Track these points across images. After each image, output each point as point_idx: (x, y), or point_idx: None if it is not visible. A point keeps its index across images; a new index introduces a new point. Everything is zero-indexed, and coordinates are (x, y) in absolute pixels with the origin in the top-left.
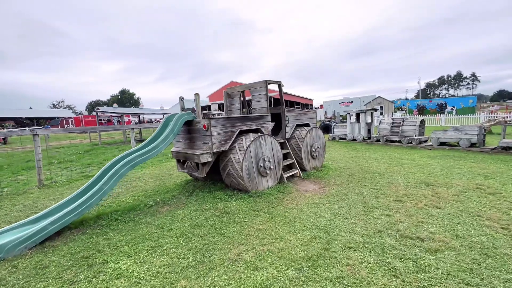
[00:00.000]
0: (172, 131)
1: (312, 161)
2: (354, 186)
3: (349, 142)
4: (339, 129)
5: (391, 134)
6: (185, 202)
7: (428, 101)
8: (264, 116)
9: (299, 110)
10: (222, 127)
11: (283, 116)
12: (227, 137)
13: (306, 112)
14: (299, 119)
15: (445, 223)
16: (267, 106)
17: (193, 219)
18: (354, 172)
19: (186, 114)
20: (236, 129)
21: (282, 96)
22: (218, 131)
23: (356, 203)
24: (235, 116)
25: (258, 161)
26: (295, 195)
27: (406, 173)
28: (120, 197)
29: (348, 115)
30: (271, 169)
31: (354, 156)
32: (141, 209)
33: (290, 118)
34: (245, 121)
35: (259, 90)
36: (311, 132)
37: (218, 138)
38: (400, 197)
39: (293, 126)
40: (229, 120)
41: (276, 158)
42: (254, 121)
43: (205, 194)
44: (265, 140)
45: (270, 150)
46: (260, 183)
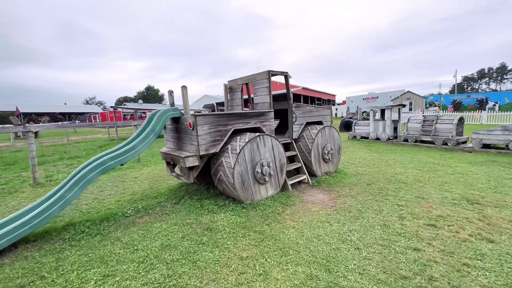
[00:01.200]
0: (153, 130)
1: (324, 165)
2: (372, 199)
3: (371, 141)
4: (360, 127)
5: (422, 134)
6: (168, 212)
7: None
8: (265, 113)
9: (310, 106)
10: (211, 125)
11: (290, 113)
12: (218, 137)
13: (318, 108)
14: (310, 116)
15: (505, 270)
16: (270, 101)
17: (167, 237)
18: (374, 180)
19: (171, 110)
20: (230, 128)
21: (289, 89)
22: (207, 130)
23: (373, 226)
24: (228, 113)
25: (255, 166)
26: (298, 208)
27: (440, 184)
28: (105, 200)
29: (371, 111)
30: (271, 175)
31: (376, 159)
32: (116, 219)
33: (299, 115)
34: (241, 118)
35: (261, 82)
36: (323, 132)
37: (206, 138)
38: (434, 219)
39: (302, 124)
40: (220, 118)
41: (278, 162)
42: (253, 119)
43: (194, 202)
44: (263, 141)
45: (270, 152)
46: (257, 192)
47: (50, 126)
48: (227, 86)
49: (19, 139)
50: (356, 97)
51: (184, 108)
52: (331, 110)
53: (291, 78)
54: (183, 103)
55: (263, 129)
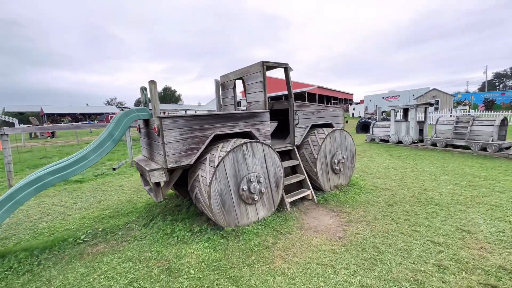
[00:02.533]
0: (110, 136)
1: (334, 178)
2: (396, 230)
3: (392, 145)
4: (379, 128)
5: (454, 137)
6: (130, 239)
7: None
8: (258, 114)
9: (317, 105)
10: (183, 130)
11: (291, 114)
12: (193, 145)
13: (327, 107)
14: (316, 118)
15: None
16: (265, 99)
17: (111, 281)
18: (397, 199)
19: (135, 111)
20: (209, 133)
21: (290, 85)
22: (177, 136)
23: (399, 281)
24: (207, 114)
25: (240, 183)
26: (295, 239)
27: (490, 208)
28: (70, 217)
29: (392, 111)
30: (262, 193)
31: (398, 168)
32: (63, 248)
33: (302, 116)
34: (225, 121)
35: (255, 76)
36: (333, 136)
37: (176, 146)
38: (494, 275)
39: (306, 127)
40: (196, 120)
41: (272, 176)
42: (242, 121)
43: (165, 225)
44: (252, 149)
45: (261, 164)
46: (243, 215)
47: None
48: (219, 82)
49: (36, 139)
50: (375, 96)
51: (153, 108)
52: (343, 110)
53: (292, 71)
54: (152, 102)
55: (255, 134)
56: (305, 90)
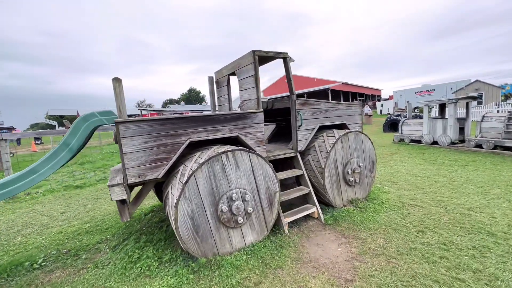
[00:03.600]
0: (65, 145)
1: (347, 191)
2: (428, 274)
3: (426, 147)
4: (410, 127)
5: (505, 137)
6: (90, 266)
7: None
8: (248, 115)
9: (326, 103)
10: (148, 137)
11: (292, 114)
12: (161, 154)
13: (339, 105)
14: (325, 118)
15: None
16: (257, 97)
17: None
18: (431, 221)
19: (97, 114)
20: (183, 139)
21: (291, 79)
22: (140, 144)
23: None
24: (180, 117)
25: (218, 202)
26: (286, 279)
27: None
28: (49, 230)
29: (425, 107)
30: (249, 213)
31: (433, 176)
32: (12, 276)
33: (307, 116)
34: (204, 124)
35: (246, 70)
36: (346, 140)
37: (139, 157)
38: None
39: (312, 129)
40: (165, 125)
41: (263, 192)
42: (227, 124)
43: (136, 248)
44: (235, 160)
45: (248, 178)
46: (223, 241)
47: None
48: (213, 79)
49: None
50: (407, 90)
51: (118, 110)
52: (360, 107)
53: (292, 62)
54: (116, 103)
55: (245, 140)
56: (328, 87)
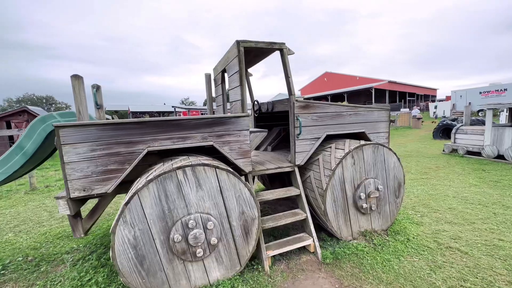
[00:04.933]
0: (20, 149)
1: (359, 220)
2: None
3: (486, 162)
4: (466, 135)
5: None
6: (39, 283)
7: None
8: (226, 120)
9: (337, 106)
10: (96, 144)
11: (291, 119)
12: (112, 165)
13: (357, 109)
14: (335, 125)
15: None
16: (242, 97)
17: None
18: (478, 280)
19: (56, 116)
20: (140, 148)
21: (289, 75)
22: (85, 153)
23: None
24: (137, 121)
25: (170, 230)
26: None
27: None
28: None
29: (488, 111)
30: (212, 245)
31: (491, 205)
32: None
33: (309, 122)
34: (167, 130)
35: (233, 66)
36: (359, 155)
37: (84, 168)
38: None
39: (316, 138)
40: (118, 130)
41: (236, 218)
42: (198, 131)
43: (90, 268)
44: (195, 178)
45: (215, 200)
46: (178, 277)
47: None
48: (210, 77)
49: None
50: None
51: (77, 112)
52: (386, 111)
53: (292, 54)
54: (75, 104)
55: (223, 150)
56: (371, 86)
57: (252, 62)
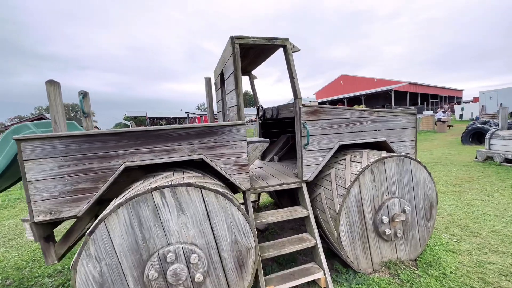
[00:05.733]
0: None
1: (381, 248)
2: None
3: None
4: (504, 140)
5: None
6: None
7: None
8: (219, 130)
9: (353, 110)
10: (64, 160)
11: (297, 125)
12: (84, 184)
13: (376, 114)
14: (352, 132)
15: None
16: (238, 103)
17: None
18: None
19: (31, 126)
20: (116, 163)
21: (294, 76)
22: (52, 170)
23: None
24: (113, 132)
25: (145, 264)
26: None
27: None
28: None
29: None
30: (197, 284)
31: None
32: None
33: (319, 129)
34: (147, 142)
35: (229, 66)
36: (380, 170)
37: (50, 187)
38: None
39: (327, 149)
40: (90, 142)
41: (227, 248)
42: (185, 142)
43: None
44: (176, 201)
45: (201, 227)
46: None
47: None
48: (210, 80)
49: None
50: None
51: (53, 122)
52: (413, 116)
53: (298, 51)
54: (51, 113)
55: (215, 164)
56: (391, 88)
57: (253, 62)
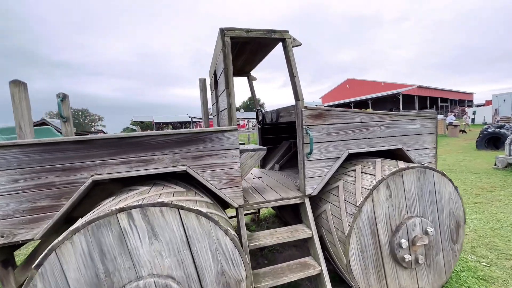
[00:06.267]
0: None
1: (399, 277)
2: None
3: None
4: None
5: None
6: None
7: None
8: (206, 137)
9: (364, 114)
10: (19, 173)
11: (299, 131)
12: (43, 201)
13: (391, 118)
14: (362, 139)
15: None
16: (230, 105)
17: None
18: None
19: None
20: (82, 177)
21: (295, 74)
22: (3, 185)
23: None
24: (80, 140)
25: None
26: None
27: None
28: None
29: None
30: None
31: None
32: None
33: (325, 135)
34: (120, 151)
35: (220, 64)
36: (398, 184)
37: (1, 206)
38: None
39: (334, 158)
40: (49, 152)
41: (211, 282)
42: (165, 151)
43: None
44: (149, 223)
45: (177, 255)
46: None
47: None
48: (205, 82)
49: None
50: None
51: (17, 127)
52: (434, 121)
53: (298, 46)
54: (15, 117)
55: (202, 176)
56: (399, 91)
57: (251, 61)
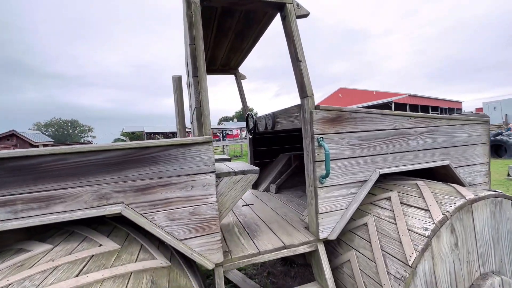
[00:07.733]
0: None
1: None
2: None
3: None
4: None
5: None
6: None
7: None
8: (158, 154)
9: (394, 116)
10: None
11: (306, 142)
12: None
13: (428, 121)
14: (397, 153)
15: None
16: (201, 102)
17: None
18: None
19: None
20: None
21: (300, 59)
22: None
23: None
24: None
25: None
26: None
27: None
28: None
29: None
30: None
31: None
32: None
33: (346, 148)
34: (1, 183)
35: (187, 41)
36: (464, 224)
37: None
38: None
39: (360, 182)
40: None
41: None
42: (85, 182)
43: None
44: None
45: None
46: None
47: None
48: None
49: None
50: (505, 101)
51: None
52: (487, 126)
53: (305, 16)
54: None
55: (150, 224)
56: (391, 100)
57: (237, 49)
